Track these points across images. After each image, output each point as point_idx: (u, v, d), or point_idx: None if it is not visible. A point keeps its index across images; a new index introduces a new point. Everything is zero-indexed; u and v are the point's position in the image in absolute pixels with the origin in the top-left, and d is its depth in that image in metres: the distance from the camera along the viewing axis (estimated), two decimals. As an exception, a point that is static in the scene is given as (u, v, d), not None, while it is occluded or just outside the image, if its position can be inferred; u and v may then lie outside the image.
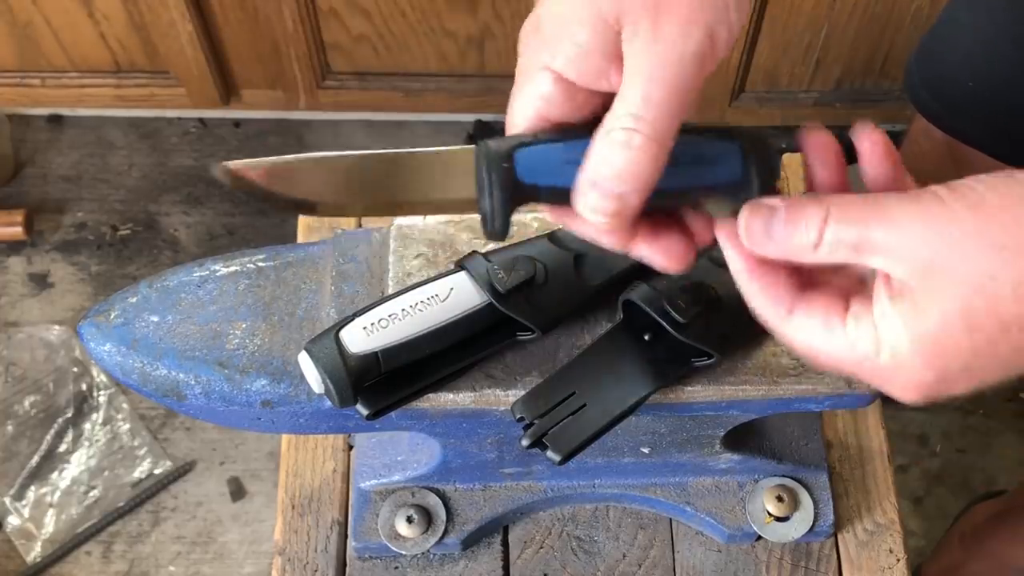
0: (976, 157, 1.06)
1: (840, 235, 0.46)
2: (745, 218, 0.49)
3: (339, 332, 0.58)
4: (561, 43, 0.49)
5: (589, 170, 0.48)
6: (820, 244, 0.47)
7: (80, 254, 1.86)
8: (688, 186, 0.51)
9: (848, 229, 0.46)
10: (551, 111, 0.50)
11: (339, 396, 0.58)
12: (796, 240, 0.47)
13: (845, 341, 0.48)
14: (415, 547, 0.77)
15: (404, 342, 0.58)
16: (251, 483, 1.70)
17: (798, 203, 0.48)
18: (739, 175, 0.50)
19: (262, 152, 1.94)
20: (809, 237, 0.47)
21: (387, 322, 0.59)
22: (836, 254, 0.47)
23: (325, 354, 0.58)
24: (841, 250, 0.47)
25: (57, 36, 1.64)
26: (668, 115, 0.47)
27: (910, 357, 0.46)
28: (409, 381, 0.61)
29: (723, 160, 0.51)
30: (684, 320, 0.59)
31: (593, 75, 0.49)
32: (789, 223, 0.48)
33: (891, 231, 0.45)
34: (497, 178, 0.49)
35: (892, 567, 0.80)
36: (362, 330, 0.58)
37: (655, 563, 0.80)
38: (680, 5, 0.47)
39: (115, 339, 0.65)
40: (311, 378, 0.59)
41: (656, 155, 0.47)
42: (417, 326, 0.59)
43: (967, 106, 1.03)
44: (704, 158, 0.50)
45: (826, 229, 0.47)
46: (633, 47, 0.47)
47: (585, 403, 0.59)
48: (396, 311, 0.59)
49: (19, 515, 1.65)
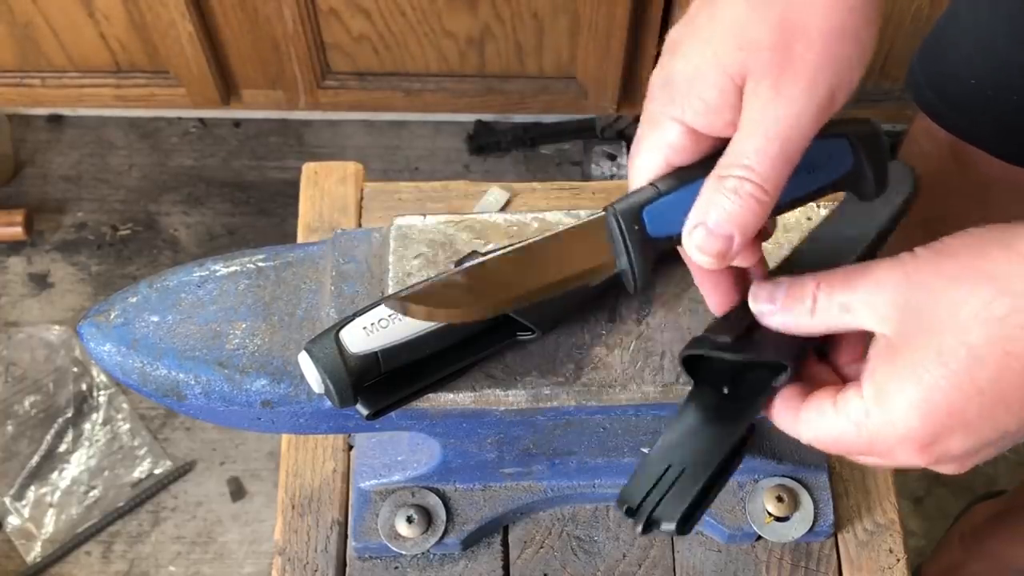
0: (979, 157, 1.06)
1: (831, 297, 0.52)
2: (753, 288, 0.55)
3: (339, 332, 0.58)
4: (690, 99, 0.52)
5: (699, 212, 0.51)
6: (815, 309, 0.52)
7: (80, 254, 1.86)
8: (808, 191, 0.55)
9: (837, 291, 0.51)
10: (677, 157, 0.54)
11: (339, 396, 0.58)
12: (796, 307, 0.53)
13: (836, 418, 0.52)
14: (415, 547, 0.77)
15: (404, 342, 0.58)
16: (251, 483, 1.70)
17: (798, 279, 0.54)
18: (850, 166, 0.55)
19: (262, 152, 1.94)
20: (806, 303, 0.53)
21: (387, 322, 0.59)
22: (829, 315, 0.52)
23: (325, 354, 0.58)
24: (833, 310, 0.52)
25: (57, 36, 1.64)
26: (780, 168, 0.50)
27: (894, 405, 0.49)
28: (409, 381, 0.61)
29: (835, 158, 0.55)
30: (731, 338, 0.56)
31: (720, 126, 0.52)
32: (790, 293, 0.53)
33: (872, 287, 0.50)
34: (632, 239, 0.53)
35: (892, 567, 0.80)
36: (362, 330, 0.59)
37: (655, 563, 0.80)
38: (805, 65, 0.50)
39: (115, 339, 0.65)
40: (311, 378, 0.59)
41: (764, 204, 0.50)
42: (417, 326, 0.59)
43: (970, 104, 1.03)
44: (816, 163, 0.54)
45: (819, 294, 0.52)
46: (753, 101, 0.50)
47: (684, 468, 0.56)
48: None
49: (19, 515, 1.65)
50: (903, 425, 0.49)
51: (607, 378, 0.64)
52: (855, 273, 0.51)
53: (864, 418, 0.50)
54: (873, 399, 0.50)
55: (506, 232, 0.69)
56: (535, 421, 0.68)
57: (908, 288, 0.49)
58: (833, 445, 0.54)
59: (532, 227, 0.69)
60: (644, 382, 0.64)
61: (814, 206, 0.69)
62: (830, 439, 0.53)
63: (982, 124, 1.04)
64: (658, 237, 0.54)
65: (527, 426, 0.70)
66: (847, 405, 0.52)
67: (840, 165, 0.55)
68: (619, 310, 0.66)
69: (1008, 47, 0.96)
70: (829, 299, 0.52)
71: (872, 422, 0.50)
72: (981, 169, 1.08)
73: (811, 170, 0.54)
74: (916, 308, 0.49)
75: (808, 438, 0.55)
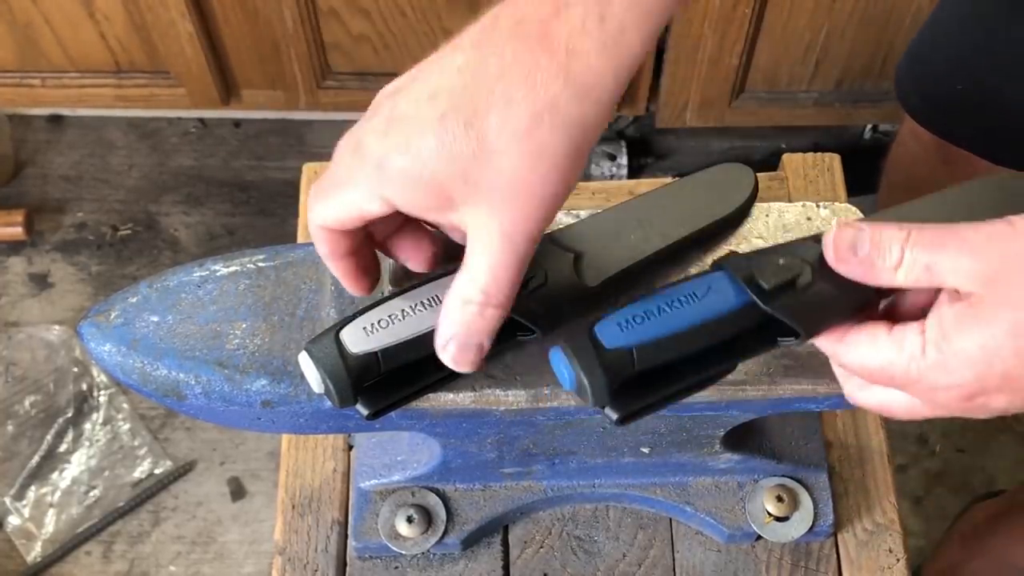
0: (967, 159, 1.07)
1: (918, 256, 0.50)
2: (832, 237, 0.53)
3: (339, 332, 0.59)
4: (403, 191, 0.53)
5: (449, 329, 0.55)
6: (900, 265, 0.50)
7: (80, 254, 1.86)
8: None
9: (925, 251, 0.50)
10: (366, 220, 0.55)
11: (339, 396, 0.58)
12: (879, 261, 0.51)
13: (889, 346, 0.51)
14: (415, 547, 0.77)
15: (404, 342, 0.59)
16: (251, 483, 1.70)
17: (882, 225, 0.51)
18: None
19: (262, 152, 1.94)
20: (892, 258, 0.51)
21: (387, 322, 0.59)
22: (913, 274, 0.50)
23: (325, 354, 0.58)
24: (917, 270, 0.50)
25: (57, 36, 1.64)
26: (512, 284, 0.54)
27: (953, 352, 0.49)
28: (410, 381, 0.61)
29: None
30: (768, 287, 0.54)
31: (425, 213, 0.54)
32: (874, 244, 0.51)
33: (963, 251, 0.49)
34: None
35: (892, 567, 0.80)
36: (362, 330, 0.59)
37: (655, 563, 0.80)
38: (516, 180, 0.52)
39: (115, 339, 0.65)
40: (311, 378, 0.59)
41: (503, 314, 0.55)
42: (417, 326, 0.59)
43: (956, 108, 1.03)
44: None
45: (907, 250, 0.50)
46: (476, 229, 0.53)
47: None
48: (396, 311, 0.59)
49: (19, 515, 1.65)
50: (957, 373, 0.50)
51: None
52: (946, 234, 0.50)
53: (919, 353, 0.50)
54: (934, 341, 0.50)
55: (506, 232, 0.69)
56: (535, 421, 0.68)
57: (996, 256, 0.48)
58: (876, 372, 0.53)
59: (532, 227, 0.69)
60: (644, 382, 0.64)
61: (813, 205, 0.69)
62: (875, 365, 0.52)
63: (968, 126, 1.05)
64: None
65: (527, 426, 0.70)
66: (904, 338, 0.51)
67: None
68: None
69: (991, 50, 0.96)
70: (915, 259, 0.50)
71: (927, 360, 0.50)
72: (969, 170, 1.08)
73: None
74: (1000, 278, 0.48)
75: (849, 359, 0.54)
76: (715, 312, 0.55)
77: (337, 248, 0.58)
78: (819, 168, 0.95)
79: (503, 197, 0.52)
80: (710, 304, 0.55)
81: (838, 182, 0.94)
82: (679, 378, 0.57)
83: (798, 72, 1.66)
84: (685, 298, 0.55)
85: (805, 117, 1.75)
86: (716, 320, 0.55)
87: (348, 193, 0.55)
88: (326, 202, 0.56)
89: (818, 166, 0.95)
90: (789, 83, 1.69)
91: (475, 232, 0.53)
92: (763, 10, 1.52)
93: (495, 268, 0.53)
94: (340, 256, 0.59)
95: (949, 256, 0.49)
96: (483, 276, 0.54)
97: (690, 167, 1.91)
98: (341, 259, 0.59)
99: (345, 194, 0.55)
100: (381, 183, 0.53)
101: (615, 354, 0.54)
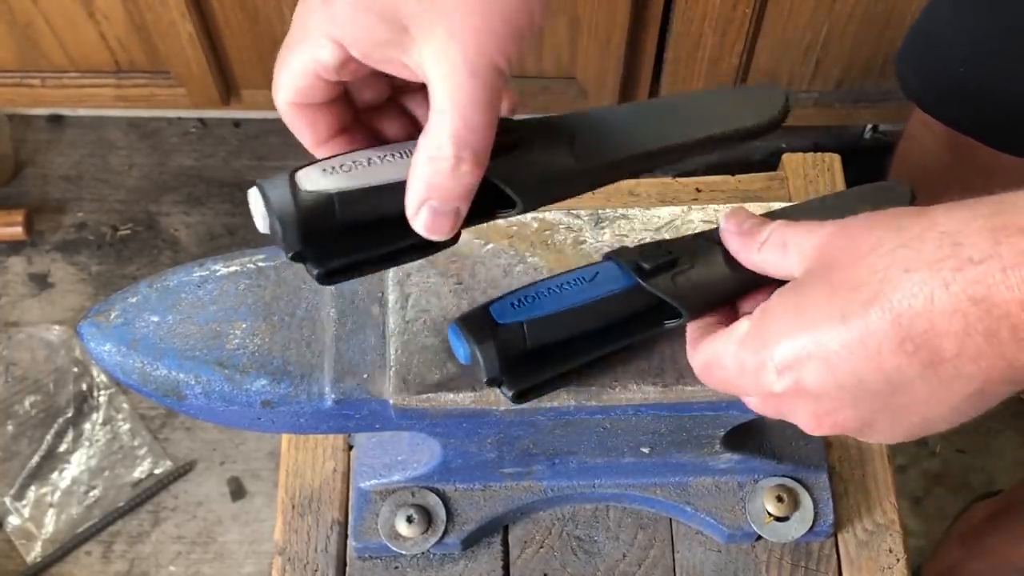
0: (976, 148, 1.06)
1: (779, 233, 0.54)
2: (732, 210, 0.58)
3: (296, 171, 0.54)
4: (354, 27, 0.49)
5: (420, 192, 0.50)
6: (766, 241, 0.55)
7: (80, 254, 1.86)
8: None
9: (785, 228, 0.54)
10: (326, 76, 0.51)
11: (285, 238, 0.52)
12: (752, 238, 0.56)
13: (723, 339, 0.53)
14: (415, 547, 0.77)
15: (366, 188, 0.53)
16: (251, 483, 1.70)
17: (768, 218, 0.57)
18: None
19: (262, 152, 1.94)
20: (763, 235, 0.55)
21: (350, 167, 0.53)
22: (772, 252, 0.54)
23: (275, 189, 0.53)
24: (775, 247, 0.54)
25: (57, 36, 1.64)
26: (485, 126, 0.48)
27: (770, 323, 0.50)
28: (372, 242, 0.56)
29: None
30: (648, 267, 0.58)
31: (377, 60, 0.50)
32: (755, 223, 0.57)
33: (813, 231, 0.52)
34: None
35: (892, 567, 0.80)
36: (320, 171, 0.53)
37: (655, 563, 0.80)
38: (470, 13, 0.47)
39: (115, 339, 0.65)
40: (257, 215, 0.54)
41: (479, 171, 0.49)
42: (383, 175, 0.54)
43: (959, 92, 1.03)
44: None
45: (774, 229, 0.55)
46: (436, 62, 0.48)
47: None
48: (362, 158, 0.54)
49: (19, 515, 1.66)
50: (771, 341, 0.49)
51: (607, 378, 0.64)
52: (808, 221, 0.53)
53: (743, 336, 0.51)
54: (756, 318, 0.51)
55: (506, 231, 0.69)
56: (535, 421, 0.68)
57: (833, 237, 0.50)
58: (714, 370, 0.54)
59: (532, 227, 0.69)
60: (644, 382, 0.64)
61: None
62: (711, 358, 0.54)
63: (971, 111, 1.05)
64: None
65: (527, 426, 0.70)
66: (737, 328, 0.52)
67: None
68: (619, 310, 0.66)
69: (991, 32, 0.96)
70: (777, 233, 0.54)
71: (748, 342, 0.51)
72: (978, 160, 1.08)
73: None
74: (829, 253, 0.50)
75: (696, 363, 0.56)
76: (602, 293, 0.59)
77: (316, 131, 0.54)
78: (819, 168, 0.95)
79: (462, 14, 0.46)
80: (598, 285, 0.59)
81: (838, 182, 0.94)
82: (571, 356, 0.60)
83: (798, 72, 1.67)
84: (575, 281, 0.59)
85: (805, 117, 1.75)
86: (603, 299, 0.59)
87: (298, 49, 0.51)
88: (280, 70, 0.52)
89: (818, 166, 0.95)
90: (789, 83, 1.69)
91: (435, 67, 0.47)
92: (763, 10, 1.52)
93: (462, 104, 0.47)
94: (325, 142, 0.54)
95: (800, 234, 0.52)
96: (450, 118, 0.47)
97: (690, 167, 1.91)
98: (325, 145, 0.54)
99: (296, 52, 0.51)
100: (330, 22, 0.49)
101: (507, 329, 0.57)
